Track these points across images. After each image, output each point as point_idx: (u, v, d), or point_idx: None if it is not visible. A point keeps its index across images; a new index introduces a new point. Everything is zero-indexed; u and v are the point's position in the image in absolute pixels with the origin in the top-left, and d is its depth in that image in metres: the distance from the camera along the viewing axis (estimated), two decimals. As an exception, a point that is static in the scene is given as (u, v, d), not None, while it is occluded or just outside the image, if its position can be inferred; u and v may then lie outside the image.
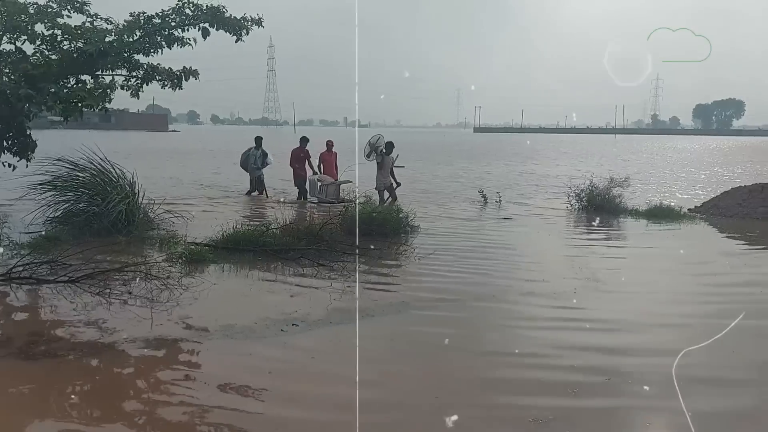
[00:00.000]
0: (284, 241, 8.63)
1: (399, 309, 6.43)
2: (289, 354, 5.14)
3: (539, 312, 6.47)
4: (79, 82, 10.06)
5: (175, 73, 9.89)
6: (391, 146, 13.79)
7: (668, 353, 5.05)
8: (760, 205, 13.07)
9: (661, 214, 12.89)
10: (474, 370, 4.97)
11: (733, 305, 6.70)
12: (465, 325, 6.10)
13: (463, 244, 9.92)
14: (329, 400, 4.32)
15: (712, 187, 19.14)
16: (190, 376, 4.70)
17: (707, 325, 6.02)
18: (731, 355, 5.31)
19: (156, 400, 4.28)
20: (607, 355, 5.25)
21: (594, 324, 6.04)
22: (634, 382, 4.70)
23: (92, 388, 4.58)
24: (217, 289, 6.81)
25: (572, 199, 13.88)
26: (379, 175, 13.64)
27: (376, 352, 5.29)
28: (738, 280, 7.99)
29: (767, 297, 7.25)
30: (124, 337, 5.35)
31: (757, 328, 6.08)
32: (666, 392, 4.42)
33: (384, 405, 4.27)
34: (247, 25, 9.84)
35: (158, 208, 10.37)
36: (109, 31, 9.65)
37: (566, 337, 5.67)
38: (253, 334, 5.52)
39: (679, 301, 7.14)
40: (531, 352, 5.30)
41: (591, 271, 8.09)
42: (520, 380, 4.75)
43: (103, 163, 10.05)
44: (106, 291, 5.99)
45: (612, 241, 10.86)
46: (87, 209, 9.56)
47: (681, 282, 8.00)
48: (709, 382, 4.74)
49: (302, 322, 5.81)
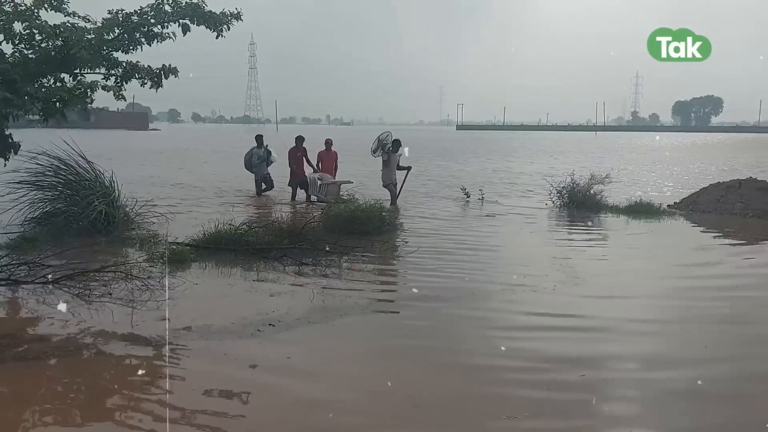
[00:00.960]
0: (266, 240, 8.60)
1: (378, 308, 6.43)
2: (264, 355, 5.10)
3: (517, 308, 6.49)
4: (58, 81, 9.92)
5: (154, 71, 9.79)
6: (398, 144, 13.89)
7: (640, 354, 5.18)
8: (738, 200, 13.27)
9: (641, 210, 13.03)
10: (450, 368, 4.97)
11: (711, 302, 6.82)
12: (442, 324, 6.07)
13: (445, 243, 9.94)
14: (304, 402, 4.29)
15: (687, 182, 19.37)
16: (165, 378, 4.63)
17: (683, 327, 6.10)
18: (704, 351, 5.40)
19: (128, 403, 4.24)
20: (582, 352, 5.25)
21: (570, 321, 6.03)
22: (607, 381, 4.74)
23: (70, 390, 4.54)
24: (197, 289, 6.76)
25: (554, 196, 14.00)
26: (384, 172, 13.76)
27: (351, 352, 5.29)
28: (715, 274, 8.11)
29: (745, 292, 7.36)
30: (102, 338, 5.31)
31: (731, 324, 6.19)
32: (637, 390, 4.52)
33: (357, 407, 4.25)
34: (228, 20, 9.77)
35: (140, 208, 10.28)
36: (88, 29, 9.53)
37: (542, 336, 5.70)
38: (230, 335, 5.47)
39: (656, 297, 7.22)
40: (506, 350, 5.31)
41: (571, 269, 8.14)
42: (496, 378, 4.74)
43: (82, 162, 9.94)
44: (86, 292, 5.92)
45: (593, 237, 10.93)
46: (66, 209, 9.45)
47: (659, 279, 8.06)
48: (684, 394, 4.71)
49: (279, 322, 5.78)
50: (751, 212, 12.82)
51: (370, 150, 14.27)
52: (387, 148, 13.76)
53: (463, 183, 17.33)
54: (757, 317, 6.45)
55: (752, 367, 5.11)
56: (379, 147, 13.95)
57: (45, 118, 9.78)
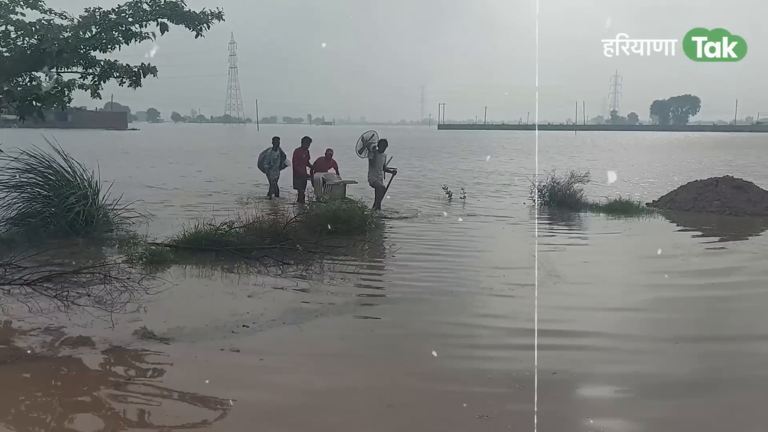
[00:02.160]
0: (247, 240, 8.54)
1: (354, 308, 6.40)
2: (237, 357, 5.04)
3: (494, 310, 6.48)
4: (34, 80, 9.77)
5: (132, 70, 9.68)
6: (384, 144, 13.59)
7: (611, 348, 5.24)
8: (715, 198, 13.46)
9: (620, 208, 13.16)
10: (424, 368, 4.96)
11: (686, 301, 6.92)
12: (418, 324, 6.05)
13: (426, 242, 9.96)
14: (275, 403, 4.26)
15: (663, 180, 19.60)
16: (134, 381, 4.57)
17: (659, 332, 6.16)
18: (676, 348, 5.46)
19: (94, 407, 4.19)
20: (555, 350, 5.26)
21: (547, 321, 6.01)
22: (579, 378, 4.77)
23: (45, 393, 4.45)
24: (175, 290, 6.69)
25: (535, 195, 14.11)
26: (370, 172, 13.48)
27: (324, 353, 5.26)
28: (690, 271, 8.22)
29: (718, 289, 7.47)
30: (76, 341, 5.25)
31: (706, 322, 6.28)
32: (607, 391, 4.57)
33: (329, 408, 4.24)
34: (208, 19, 9.68)
35: (119, 209, 10.17)
36: (65, 27, 9.39)
37: (517, 333, 5.69)
38: (202, 337, 5.41)
39: (633, 291, 7.29)
40: (482, 345, 5.36)
41: (551, 267, 8.16)
42: (469, 376, 4.75)
43: (60, 161, 9.80)
44: (64, 294, 5.83)
45: (572, 235, 11.01)
46: (43, 210, 9.32)
47: (637, 278, 8.13)
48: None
49: (254, 324, 5.74)
50: (728, 210, 13.01)
51: (356, 150, 14.06)
52: (372, 147, 13.55)
53: (445, 182, 17.39)
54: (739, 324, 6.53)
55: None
56: (364, 147, 13.75)
57: (22, 117, 9.63)
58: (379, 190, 13.42)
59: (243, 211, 10.05)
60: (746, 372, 4.98)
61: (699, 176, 15.66)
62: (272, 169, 14.84)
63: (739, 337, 5.86)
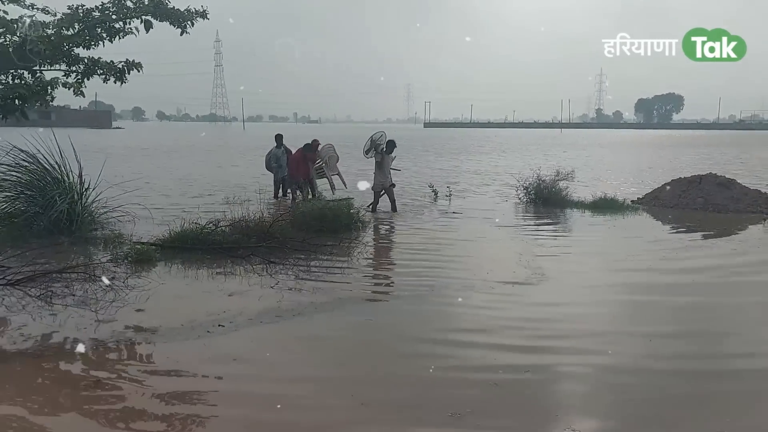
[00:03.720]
0: (234, 238, 8.52)
1: (334, 307, 6.37)
2: (209, 356, 5.01)
3: (476, 308, 6.48)
4: (16, 78, 9.66)
5: (116, 67, 9.60)
6: (392, 145, 13.13)
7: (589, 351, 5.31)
8: (698, 195, 13.59)
9: (605, 205, 13.27)
10: (397, 366, 4.96)
11: (669, 297, 6.99)
12: (397, 322, 6.02)
13: (410, 240, 9.98)
14: (246, 404, 4.24)
15: (652, 177, 19.77)
16: (104, 382, 4.53)
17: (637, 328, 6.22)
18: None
19: (68, 408, 4.20)
20: (530, 352, 5.24)
21: (526, 320, 6.05)
22: (553, 377, 4.80)
23: (29, 394, 4.42)
24: (158, 290, 6.65)
25: (520, 193, 14.19)
26: (377, 174, 12.91)
27: (298, 351, 5.25)
28: (671, 268, 8.30)
29: (701, 286, 7.57)
30: (58, 341, 5.24)
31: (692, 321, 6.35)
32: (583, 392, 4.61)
33: (302, 406, 4.23)
34: (192, 16, 9.62)
35: (104, 208, 10.08)
36: (47, 24, 9.30)
37: (495, 332, 5.70)
38: (178, 337, 5.39)
39: (614, 292, 7.36)
40: (459, 350, 5.31)
41: (535, 264, 8.19)
42: (443, 375, 4.75)
43: (43, 160, 9.70)
44: (48, 293, 5.80)
45: (557, 233, 11.07)
46: (27, 209, 9.22)
47: (619, 275, 8.15)
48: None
49: (230, 323, 5.70)
50: (711, 207, 13.15)
51: (363, 150, 13.56)
52: (380, 149, 13.01)
53: (432, 179, 17.42)
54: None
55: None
56: (372, 147, 13.25)
57: (4, 116, 9.52)
58: (389, 192, 12.99)
59: (230, 209, 10.00)
60: (718, 366, 5.07)
61: (670, 175, 15.79)
62: (281, 168, 14.53)
63: (711, 333, 5.92)
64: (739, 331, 5.98)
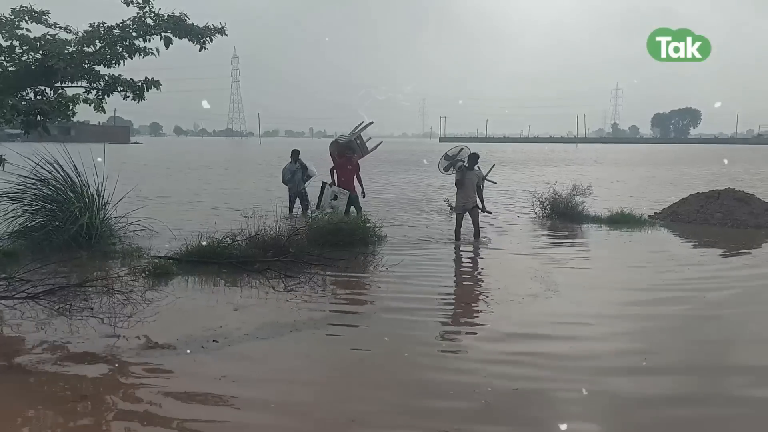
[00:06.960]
0: (250, 253, 8.56)
1: (333, 322, 6.32)
2: (198, 372, 4.96)
3: (483, 323, 6.44)
4: (38, 94, 9.84)
5: (136, 84, 9.74)
6: (475, 159, 11.39)
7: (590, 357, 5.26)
8: (717, 210, 13.46)
9: (623, 220, 13.16)
10: (389, 382, 4.90)
11: (684, 319, 6.90)
12: (395, 338, 5.90)
13: (428, 254, 9.96)
14: (227, 423, 4.20)
15: (670, 192, 19.59)
16: (98, 399, 4.53)
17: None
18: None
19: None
20: (528, 365, 5.19)
21: (536, 336, 5.97)
22: (543, 393, 4.70)
23: (46, 407, 4.44)
24: (172, 304, 6.68)
25: (536, 207, 14.14)
26: (458, 195, 11.27)
27: (290, 368, 5.18)
28: (686, 283, 8.20)
29: (715, 301, 7.45)
30: (74, 354, 5.26)
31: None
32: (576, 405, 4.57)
33: (289, 425, 4.16)
34: (211, 33, 9.75)
35: (123, 222, 10.19)
36: (69, 41, 9.47)
37: (495, 347, 5.62)
38: (170, 352, 5.37)
39: (627, 303, 7.26)
40: (454, 365, 5.26)
41: (550, 280, 8.12)
42: (437, 390, 4.68)
43: (63, 175, 9.85)
44: (67, 307, 5.86)
45: (573, 247, 11.00)
46: (47, 223, 9.35)
47: (631, 292, 8.01)
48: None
49: (226, 338, 5.66)
50: (730, 222, 13.01)
51: (440, 168, 12.85)
52: (459, 165, 11.56)
53: (449, 195, 17.39)
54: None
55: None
56: (450, 165, 12.26)
57: (26, 132, 9.69)
58: (474, 214, 11.27)
59: (246, 223, 10.07)
60: (723, 389, 4.92)
61: (687, 190, 15.64)
62: (292, 182, 14.59)
63: (722, 353, 5.80)
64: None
